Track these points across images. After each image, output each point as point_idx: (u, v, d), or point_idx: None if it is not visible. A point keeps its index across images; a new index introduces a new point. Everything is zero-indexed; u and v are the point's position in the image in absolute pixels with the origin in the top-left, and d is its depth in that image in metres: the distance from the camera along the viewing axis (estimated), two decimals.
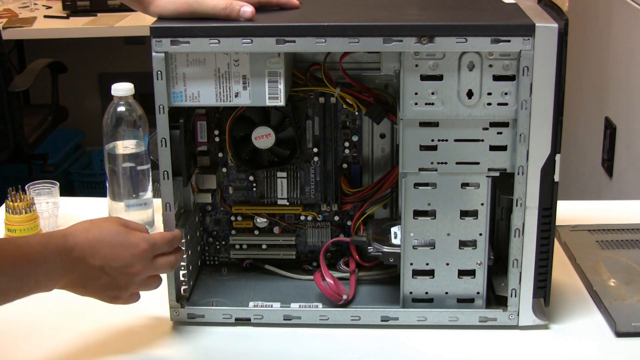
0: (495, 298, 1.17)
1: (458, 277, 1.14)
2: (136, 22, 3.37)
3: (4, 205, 1.40)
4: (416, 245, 1.13)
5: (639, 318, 1.14)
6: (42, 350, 1.12)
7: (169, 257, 1.08)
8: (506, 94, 1.07)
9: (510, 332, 1.14)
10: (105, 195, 1.43)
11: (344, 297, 1.17)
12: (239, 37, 1.04)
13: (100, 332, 1.15)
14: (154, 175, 1.40)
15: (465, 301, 1.15)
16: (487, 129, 1.08)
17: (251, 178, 1.24)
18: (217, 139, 1.22)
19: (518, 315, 1.13)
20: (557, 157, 1.07)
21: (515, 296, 1.13)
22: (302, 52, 1.15)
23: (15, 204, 1.36)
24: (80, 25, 3.42)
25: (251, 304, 1.17)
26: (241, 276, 1.25)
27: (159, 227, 1.27)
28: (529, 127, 1.06)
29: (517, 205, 1.09)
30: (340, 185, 1.23)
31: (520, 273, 1.12)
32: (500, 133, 1.08)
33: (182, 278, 1.17)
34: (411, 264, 1.13)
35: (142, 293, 1.18)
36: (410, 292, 1.15)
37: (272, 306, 1.16)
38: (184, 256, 1.14)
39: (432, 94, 1.07)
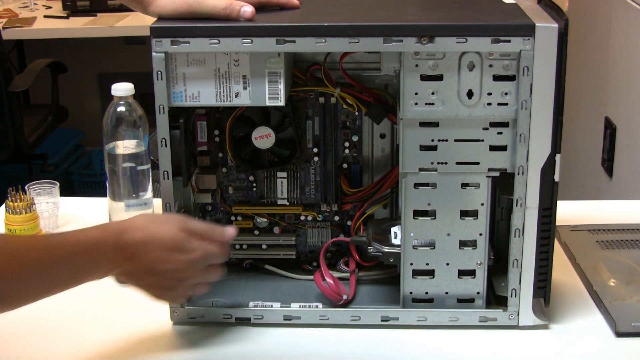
0: (495, 298, 1.17)
1: (458, 277, 1.14)
2: (136, 22, 3.37)
3: (4, 205, 1.40)
4: (416, 245, 1.13)
5: (639, 318, 1.14)
6: (42, 350, 1.12)
7: (220, 269, 1.07)
8: (506, 94, 1.07)
9: (510, 332, 1.14)
10: (105, 195, 1.43)
11: (344, 297, 1.17)
12: (239, 37, 1.04)
13: (100, 332, 1.15)
14: (154, 175, 1.40)
15: (465, 301, 1.15)
16: (487, 129, 1.08)
17: (251, 178, 1.24)
18: (217, 139, 1.22)
19: (518, 315, 1.13)
20: (557, 157, 1.07)
21: (515, 296, 1.13)
22: (302, 52, 1.15)
23: (15, 204, 1.36)
24: (80, 25, 3.42)
25: (251, 304, 1.17)
26: (241, 276, 1.25)
27: None
28: (529, 127, 1.06)
29: (517, 205, 1.09)
30: (340, 185, 1.23)
31: (520, 273, 1.12)
32: (500, 133, 1.08)
33: None
34: (411, 264, 1.13)
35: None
36: (410, 292, 1.15)
37: (272, 306, 1.16)
38: None
39: (432, 94, 1.07)
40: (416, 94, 1.07)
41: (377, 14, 1.12)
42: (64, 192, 1.48)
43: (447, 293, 1.14)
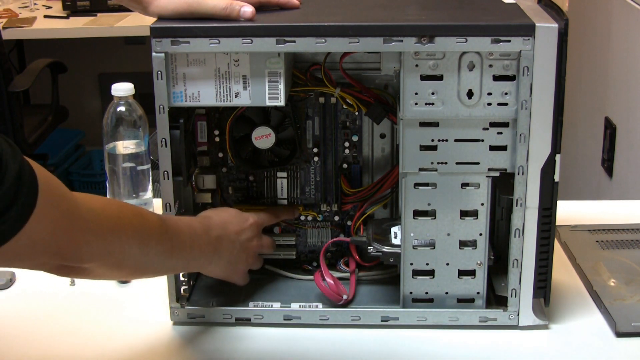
0: (495, 298, 1.17)
1: (458, 277, 1.14)
2: (136, 22, 3.38)
3: None
4: (416, 245, 1.13)
5: (639, 318, 1.14)
6: (42, 350, 1.12)
7: (270, 237, 1.21)
8: (506, 94, 1.07)
9: (510, 332, 1.14)
10: (105, 195, 1.43)
11: (344, 297, 1.17)
12: (239, 37, 1.04)
13: (100, 332, 1.15)
14: (154, 175, 1.40)
15: (465, 301, 1.15)
16: (487, 129, 1.08)
17: (251, 178, 1.24)
18: (217, 139, 1.22)
19: (518, 315, 1.13)
20: (557, 157, 1.07)
21: (515, 296, 1.13)
22: (302, 52, 1.15)
23: None
24: (80, 25, 3.42)
25: (251, 304, 1.17)
26: None
27: None
28: (529, 127, 1.06)
29: (517, 205, 1.09)
30: (340, 185, 1.23)
31: (520, 273, 1.12)
32: (500, 133, 1.08)
33: (182, 278, 1.17)
34: (411, 264, 1.13)
35: (141, 293, 1.19)
36: (410, 292, 1.15)
37: (272, 306, 1.16)
38: None
39: (432, 94, 1.07)
40: (416, 94, 1.07)
41: (377, 14, 1.12)
42: None
43: (447, 293, 1.14)
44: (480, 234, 1.12)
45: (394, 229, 1.17)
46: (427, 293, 1.14)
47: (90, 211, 0.87)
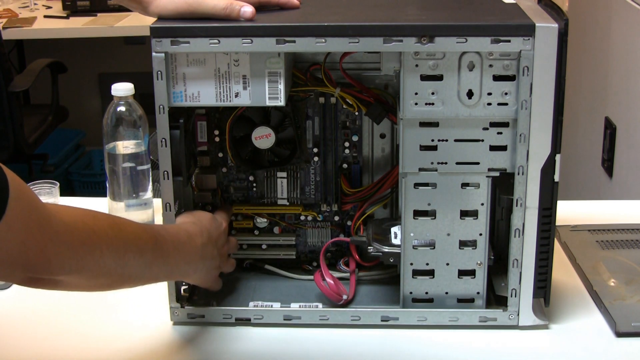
0: (495, 298, 1.17)
1: (458, 277, 1.14)
2: (136, 22, 3.38)
3: None
4: (416, 245, 1.13)
5: (639, 318, 1.14)
6: (42, 350, 1.12)
7: (234, 238, 1.22)
8: (506, 94, 1.07)
9: (510, 332, 1.14)
10: (105, 195, 1.43)
11: (344, 297, 1.17)
12: (239, 37, 1.04)
13: (100, 332, 1.15)
14: (154, 175, 1.40)
15: (465, 301, 1.15)
16: (487, 129, 1.08)
17: (251, 178, 1.24)
18: (217, 139, 1.22)
19: (518, 315, 1.13)
20: (557, 157, 1.07)
21: (515, 296, 1.13)
22: (302, 52, 1.15)
23: None
24: (80, 25, 3.42)
25: (251, 304, 1.17)
26: (241, 276, 1.25)
27: None
28: (529, 127, 1.06)
29: (517, 205, 1.09)
30: (340, 185, 1.23)
31: (520, 273, 1.12)
32: (500, 133, 1.08)
33: None
34: (411, 264, 1.13)
35: (141, 293, 1.18)
36: (410, 292, 1.15)
37: (272, 306, 1.16)
38: None
39: (432, 94, 1.07)
40: (416, 94, 1.07)
41: (377, 14, 1.12)
42: (64, 192, 1.48)
43: (447, 293, 1.14)
44: (480, 234, 1.12)
45: (394, 229, 1.17)
46: (427, 293, 1.14)
47: (63, 223, 0.84)
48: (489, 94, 1.07)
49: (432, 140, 1.09)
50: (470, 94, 1.07)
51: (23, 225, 0.79)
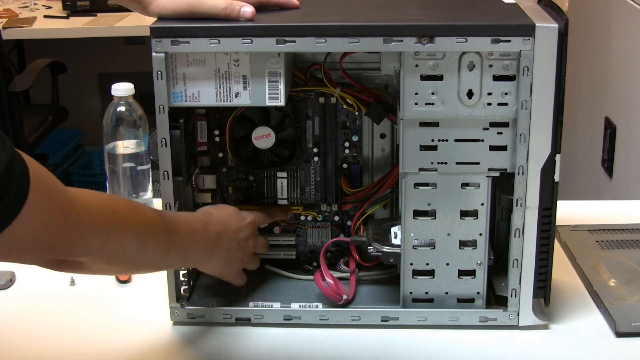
0: (495, 298, 1.17)
1: (458, 277, 1.14)
2: (136, 22, 3.38)
3: None
4: (416, 245, 1.13)
5: (639, 318, 1.14)
6: (42, 350, 1.12)
7: (264, 237, 1.22)
8: (506, 94, 1.07)
9: (510, 332, 1.14)
10: None
11: (344, 297, 1.17)
12: (239, 37, 1.04)
13: (100, 332, 1.15)
14: (154, 175, 1.40)
15: (465, 301, 1.15)
16: (487, 129, 1.08)
17: (251, 178, 1.24)
18: (217, 139, 1.22)
19: (518, 315, 1.13)
20: (557, 157, 1.07)
21: (515, 296, 1.13)
22: (302, 52, 1.15)
23: None
24: (80, 25, 3.42)
25: (251, 304, 1.17)
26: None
27: None
28: (529, 127, 1.06)
29: (517, 205, 1.09)
30: (340, 185, 1.23)
31: (520, 273, 1.12)
32: (500, 133, 1.08)
33: (182, 278, 1.17)
34: (411, 264, 1.13)
35: (141, 293, 1.18)
36: (410, 292, 1.15)
37: (272, 306, 1.16)
38: None
39: (432, 94, 1.07)
40: (416, 94, 1.07)
41: (377, 14, 1.12)
42: None
43: (447, 293, 1.14)
44: (480, 234, 1.12)
45: (394, 229, 1.17)
46: (427, 293, 1.14)
47: (85, 205, 0.86)
48: (489, 94, 1.07)
49: (432, 140, 1.09)
50: (470, 94, 1.07)
51: (46, 209, 0.80)
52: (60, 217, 0.83)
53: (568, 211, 1.45)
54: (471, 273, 1.13)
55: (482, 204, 1.11)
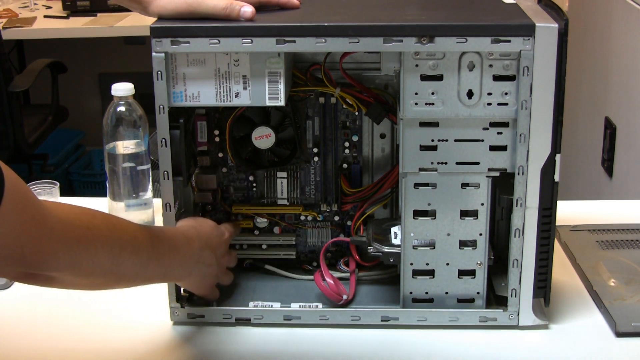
0: (495, 298, 1.17)
1: (458, 277, 1.14)
2: (136, 22, 3.38)
3: None
4: (416, 245, 1.13)
5: (639, 318, 1.14)
6: (42, 350, 1.12)
7: (235, 252, 1.22)
8: (506, 94, 1.07)
9: (510, 332, 1.14)
10: (105, 195, 1.43)
11: (344, 297, 1.17)
12: (239, 37, 1.04)
13: (100, 332, 1.15)
14: (154, 175, 1.40)
15: (465, 301, 1.15)
16: (487, 129, 1.08)
17: (251, 178, 1.24)
18: (217, 139, 1.22)
19: (518, 315, 1.13)
20: (557, 157, 1.07)
21: (515, 296, 1.13)
22: (302, 52, 1.15)
23: None
24: (80, 25, 3.42)
25: (251, 304, 1.17)
26: (241, 276, 1.25)
27: None
28: (529, 127, 1.06)
29: (517, 205, 1.09)
30: (340, 185, 1.23)
31: (520, 273, 1.12)
32: (500, 133, 1.08)
33: None
34: (411, 264, 1.13)
35: (141, 293, 1.18)
36: (410, 292, 1.15)
37: (272, 306, 1.16)
38: None
39: (432, 94, 1.07)
40: (416, 94, 1.07)
41: (377, 14, 1.12)
42: (64, 192, 1.48)
43: (447, 293, 1.14)
44: (480, 234, 1.12)
45: (394, 229, 1.17)
46: (427, 293, 1.14)
47: (58, 220, 0.85)
48: (489, 94, 1.07)
49: (432, 140, 1.09)
50: (470, 94, 1.07)
51: (18, 220, 0.79)
52: (33, 229, 0.81)
53: (568, 211, 1.45)
54: (471, 273, 1.13)
55: (482, 204, 1.11)
